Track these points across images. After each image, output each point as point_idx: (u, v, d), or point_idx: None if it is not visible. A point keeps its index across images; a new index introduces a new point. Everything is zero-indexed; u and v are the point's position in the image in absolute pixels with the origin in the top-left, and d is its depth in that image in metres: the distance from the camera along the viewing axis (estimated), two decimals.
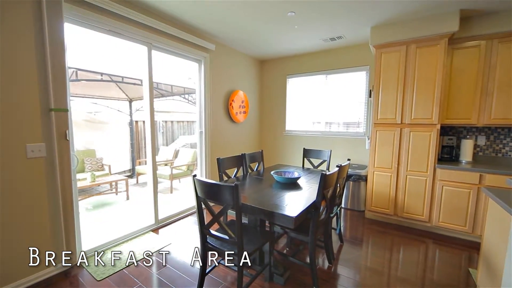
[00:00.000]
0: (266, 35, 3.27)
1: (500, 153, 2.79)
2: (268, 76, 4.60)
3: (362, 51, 3.56)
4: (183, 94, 6.74)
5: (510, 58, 2.46)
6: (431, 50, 2.64)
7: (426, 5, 2.38)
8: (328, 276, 1.98)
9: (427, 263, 2.22)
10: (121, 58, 4.62)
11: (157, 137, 6.39)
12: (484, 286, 1.67)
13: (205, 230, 1.59)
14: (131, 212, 3.52)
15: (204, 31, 3.15)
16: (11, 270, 1.71)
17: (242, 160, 2.67)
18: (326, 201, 1.80)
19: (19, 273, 1.74)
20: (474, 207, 2.51)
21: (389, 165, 2.96)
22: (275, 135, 4.61)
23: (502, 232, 1.44)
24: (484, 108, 2.61)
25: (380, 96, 2.96)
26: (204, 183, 1.47)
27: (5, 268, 1.67)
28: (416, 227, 2.91)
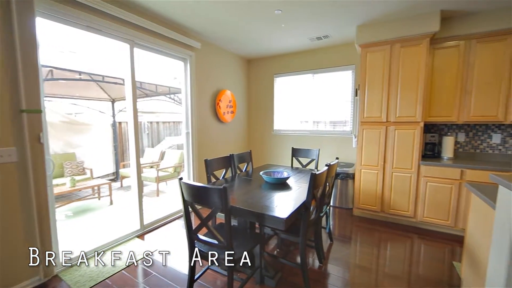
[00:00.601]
0: (253, 34, 3.24)
1: (479, 149, 2.91)
2: (255, 75, 4.56)
3: (348, 50, 3.60)
4: (168, 94, 6.57)
5: (487, 58, 2.56)
6: (414, 50, 2.70)
7: (408, 5, 2.43)
8: (319, 276, 1.98)
9: (413, 258, 2.27)
10: (101, 56, 4.42)
11: (141, 139, 6.19)
12: (468, 279, 1.72)
13: (193, 235, 1.53)
14: (115, 217, 3.37)
15: (189, 28, 3.07)
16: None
17: (231, 161, 2.62)
18: (316, 201, 1.79)
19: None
20: (456, 202, 2.60)
21: (376, 163, 3.01)
22: (263, 135, 4.59)
23: (485, 226, 1.48)
24: (463, 106, 2.71)
25: (366, 95, 3.01)
26: (191, 186, 1.41)
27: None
28: (402, 222, 2.98)
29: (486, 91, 2.59)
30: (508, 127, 2.75)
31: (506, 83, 2.50)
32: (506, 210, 1.14)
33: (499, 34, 2.49)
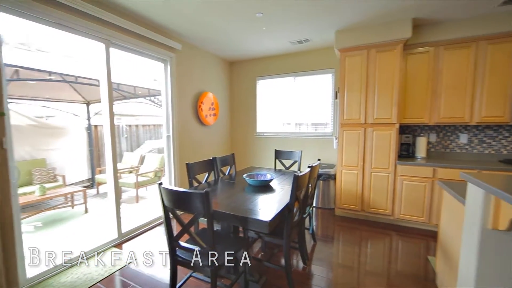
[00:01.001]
0: (235, 36, 3.23)
1: (448, 149, 3.10)
2: (238, 77, 4.55)
3: (328, 54, 3.71)
4: (148, 96, 6.36)
5: (453, 64, 2.75)
6: (389, 55, 2.84)
7: (382, 13, 2.55)
8: (303, 277, 1.99)
9: (392, 255, 2.36)
10: (75, 56, 4.18)
11: (119, 143, 5.92)
12: (442, 272, 1.81)
13: (174, 243, 1.47)
14: (90, 226, 3.18)
15: (170, 29, 2.99)
16: None
17: (213, 164, 2.58)
18: (299, 202, 1.80)
19: None
20: (429, 199, 2.75)
21: (356, 164, 3.11)
22: (246, 137, 4.57)
23: (456, 221, 1.57)
24: (434, 108, 2.88)
25: (345, 98, 3.10)
26: (171, 192, 1.36)
27: None
28: (381, 220, 3.09)
29: (453, 95, 2.78)
30: (474, 127, 2.96)
31: (470, 87, 2.70)
32: (475, 206, 1.22)
33: (464, 41, 2.69)
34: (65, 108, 5.22)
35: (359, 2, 2.34)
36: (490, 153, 2.90)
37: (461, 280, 1.34)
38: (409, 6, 2.40)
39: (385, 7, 2.44)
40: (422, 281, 1.95)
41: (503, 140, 2.84)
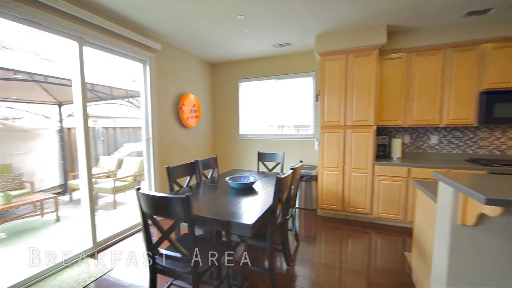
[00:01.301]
0: (216, 38, 3.20)
1: (421, 149, 3.28)
2: (220, 79, 4.51)
3: (309, 58, 3.79)
4: (126, 97, 6.12)
5: (424, 69, 2.93)
6: (366, 60, 2.96)
7: (359, 18, 2.66)
8: (286, 279, 2.00)
9: (371, 252, 2.44)
10: (44, 54, 3.92)
11: (95, 146, 5.63)
12: (417, 266, 1.90)
13: (153, 250, 1.41)
14: (62, 236, 2.98)
15: (149, 29, 2.90)
16: None
17: (195, 167, 2.52)
18: (282, 204, 1.81)
19: None
20: (405, 197, 2.89)
21: (336, 164, 3.20)
22: (229, 140, 4.54)
23: (429, 218, 1.66)
24: (408, 111, 3.04)
25: (326, 101, 3.19)
26: (150, 197, 1.30)
27: None
28: (361, 219, 3.19)
29: (425, 98, 2.95)
30: (443, 129, 3.16)
31: (439, 91, 2.89)
32: (445, 203, 1.29)
33: (433, 49, 2.88)
34: (35, 109, 4.86)
35: (337, 8, 2.42)
36: (458, 153, 3.11)
37: (435, 273, 1.41)
38: (383, 13, 2.53)
39: (362, 14, 2.54)
40: (399, 276, 2.03)
41: (468, 141, 3.06)
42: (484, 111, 2.69)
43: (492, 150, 2.97)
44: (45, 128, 4.98)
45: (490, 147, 2.98)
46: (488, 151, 2.99)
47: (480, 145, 3.02)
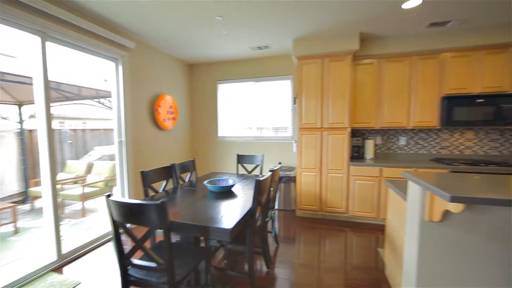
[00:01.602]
0: (194, 38, 3.14)
1: (391, 150, 3.48)
2: (198, 81, 4.42)
3: (287, 61, 3.86)
4: (96, 97, 5.76)
5: (393, 75, 3.12)
6: (340, 65, 3.08)
7: (334, 25, 2.76)
8: (267, 282, 1.99)
9: (347, 250, 2.53)
10: (2, 49, 3.56)
11: (62, 149, 5.22)
12: (390, 262, 2.00)
13: (125, 261, 1.33)
14: (22, 249, 2.70)
15: (122, 26, 2.76)
16: None
17: (172, 171, 2.44)
18: (261, 207, 1.81)
19: None
20: (377, 196, 3.04)
21: (314, 166, 3.28)
22: (207, 142, 4.46)
23: (400, 216, 1.75)
24: (379, 114, 3.21)
25: (303, 103, 3.26)
26: (121, 204, 1.23)
27: None
28: (337, 218, 3.30)
29: (394, 102, 3.14)
30: (410, 131, 3.38)
31: (406, 96, 3.09)
32: (414, 201, 1.38)
33: (400, 56, 3.08)
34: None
35: (313, 14, 2.49)
36: (423, 153, 3.34)
37: (406, 267, 1.49)
38: (355, 21, 2.65)
39: (335, 21, 2.64)
40: (374, 271, 2.13)
41: (432, 142, 3.31)
42: (445, 114, 2.93)
43: (453, 150, 3.24)
44: (3, 130, 4.51)
45: (450, 148, 3.25)
46: (449, 151, 3.26)
47: (442, 145, 3.27)
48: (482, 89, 2.87)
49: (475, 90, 2.88)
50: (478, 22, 2.68)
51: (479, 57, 2.85)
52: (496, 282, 1.21)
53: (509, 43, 2.75)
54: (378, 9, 2.38)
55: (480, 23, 2.71)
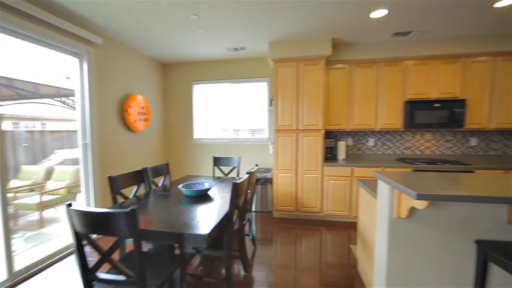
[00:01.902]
0: (168, 36, 3.02)
1: (361, 151, 3.68)
2: (172, 81, 4.27)
3: (263, 63, 3.89)
4: (57, 96, 5.27)
5: (362, 80, 3.30)
6: (314, 68, 3.18)
7: (308, 30, 2.85)
8: (244, 285, 1.97)
9: (322, 249, 2.60)
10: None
11: (15, 153, 4.68)
12: (362, 257, 2.09)
13: (89, 276, 1.22)
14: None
15: (88, 20, 2.57)
16: None
17: (143, 175, 2.31)
18: (239, 210, 1.78)
19: None
20: (349, 195, 3.18)
21: (290, 167, 3.33)
22: (182, 145, 4.32)
23: (370, 214, 1.85)
24: (350, 116, 3.37)
25: (279, 105, 3.31)
26: (85, 213, 1.12)
27: None
28: (313, 218, 3.39)
29: (363, 106, 3.32)
30: (377, 133, 3.60)
31: (374, 100, 3.29)
32: (383, 199, 1.45)
33: (368, 62, 3.27)
34: None
35: (287, 15, 2.54)
36: (390, 153, 3.58)
37: (377, 262, 1.57)
38: (327, 27, 2.76)
39: (309, 25, 2.72)
40: (347, 268, 2.21)
41: (397, 143, 3.56)
42: (408, 117, 3.17)
43: (414, 150, 3.52)
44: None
45: (412, 148, 3.52)
46: (411, 151, 3.52)
47: (406, 146, 3.53)
48: (438, 94, 3.16)
49: (433, 95, 3.16)
50: (435, 34, 2.95)
51: (436, 66, 3.14)
52: (456, 272, 1.33)
53: (460, 54, 3.07)
54: (348, 17, 2.50)
55: (437, 35, 2.98)
